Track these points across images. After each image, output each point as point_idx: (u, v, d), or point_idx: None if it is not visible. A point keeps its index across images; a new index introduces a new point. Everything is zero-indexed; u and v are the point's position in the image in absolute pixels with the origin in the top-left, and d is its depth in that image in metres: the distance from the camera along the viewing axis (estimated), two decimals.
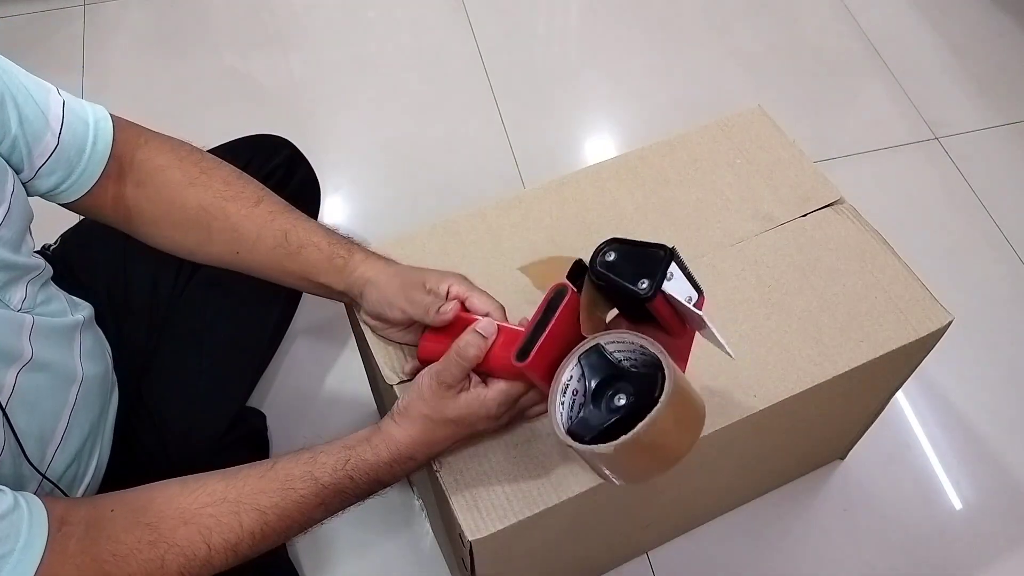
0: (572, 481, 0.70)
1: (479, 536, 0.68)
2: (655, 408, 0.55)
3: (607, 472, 0.60)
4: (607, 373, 0.61)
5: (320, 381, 1.24)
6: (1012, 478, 1.16)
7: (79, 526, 0.59)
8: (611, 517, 0.84)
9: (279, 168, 1.03)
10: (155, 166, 0.75)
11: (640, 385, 0.59)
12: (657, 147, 0.94)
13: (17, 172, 0.69)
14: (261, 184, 0.79)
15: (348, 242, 0.76)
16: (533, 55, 1.68)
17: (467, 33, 1.68)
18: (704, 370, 0.76)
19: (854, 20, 1.73)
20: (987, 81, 1.63)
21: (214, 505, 0.61)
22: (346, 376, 1.23)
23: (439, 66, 1.64)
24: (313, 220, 0.78)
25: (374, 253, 0.76)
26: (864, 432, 1.09)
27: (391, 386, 0.75)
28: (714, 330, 0.60)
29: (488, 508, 0.69)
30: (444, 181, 1.46)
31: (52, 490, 0.73)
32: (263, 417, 1.12)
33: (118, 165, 0.75)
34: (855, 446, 1.13)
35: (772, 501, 1.12)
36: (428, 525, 1.09)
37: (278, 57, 1.64)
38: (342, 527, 1.09)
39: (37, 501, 0.59)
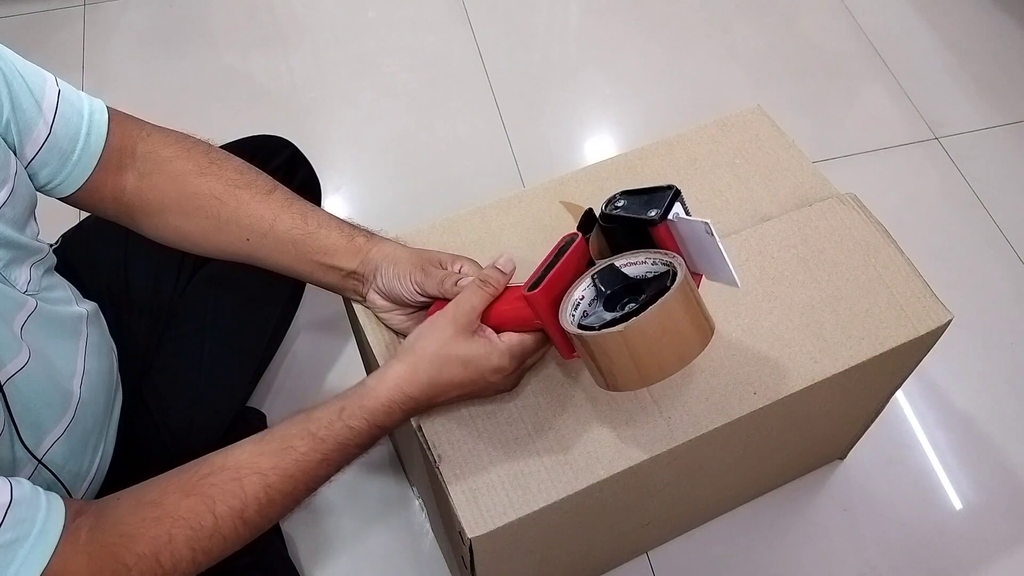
0: (573, 478, 0.70)
1: (479, 533, 0.68)
2: (668, 292, 0.55)
3: (614, 368, 0.58)
4: (622, 284, 0.62)
5: (320, 381, 1.24)
6: (1012, 478, 1.15)
7: (90, 516, 0.59)
8: (611, 515, 0.84)
9: (280, 168, 1.03)
10: (161, 157, 0.75)
11: (654, 289, 0.59)
12: (656, 147, 0.94)
13: None
14: (270, 176, 0.79)
15: (364, 229, 0.78)
16: (533, 55, 1.68)
17: (467, 33, 1.68)
18: (704, 367, 0.76)
19: (854, 20, 1.73)
20: (987, 81, 1.63)
21: (214, 475, 0.61)
22: (346, 376, 1.23)
23: (439, 66, 1.64)
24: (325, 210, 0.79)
25: (390, 239, 0.78)
26: (864, 432, 1.09)
27: None
28: (721, 246, 0.59)
29: (488, 505, 0.69)
30: (444, 180, 1.46)
31: (52, 481, 0.73)
32: (263, 417, 1.12)
33: (118, 157, 0.74)
34: (855, 446, 1.13)
35: (772, 501, 1.12)
36: (428, 525, 1.09)
37: (278, 57, 1.64)
38: (342, 526, 1.10)
39: (57, 496, 0.59)
